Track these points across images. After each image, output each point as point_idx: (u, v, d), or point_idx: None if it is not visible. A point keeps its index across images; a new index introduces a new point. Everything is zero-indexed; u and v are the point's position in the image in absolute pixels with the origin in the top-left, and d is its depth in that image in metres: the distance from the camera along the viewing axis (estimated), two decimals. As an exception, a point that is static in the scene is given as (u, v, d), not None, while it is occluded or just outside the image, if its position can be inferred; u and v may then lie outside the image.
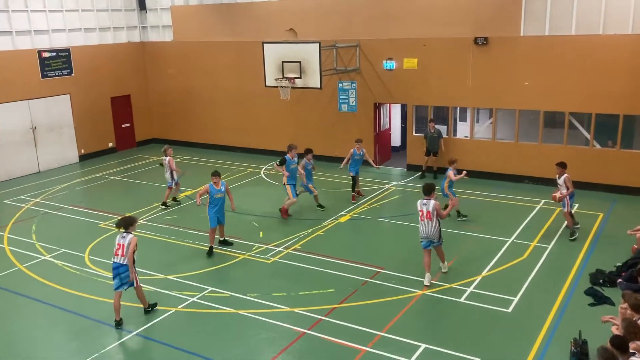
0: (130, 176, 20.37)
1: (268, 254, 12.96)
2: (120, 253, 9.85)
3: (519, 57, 17.15)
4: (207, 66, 23.23)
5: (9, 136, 20.35)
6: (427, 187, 11.12)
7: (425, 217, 10.91)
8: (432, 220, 10.87)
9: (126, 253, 9.81)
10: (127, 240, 9.86)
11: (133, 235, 9.99)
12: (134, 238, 9.92)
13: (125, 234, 9.95)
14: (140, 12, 24.91)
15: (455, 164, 14.63)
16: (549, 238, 13.36)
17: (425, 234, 11.02)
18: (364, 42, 19.48)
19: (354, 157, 16.38)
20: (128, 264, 9.87)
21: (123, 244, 9.85)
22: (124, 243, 9.85)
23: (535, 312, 10.10)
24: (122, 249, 9.84)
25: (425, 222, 10.94)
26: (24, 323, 10.41)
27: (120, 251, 9.85)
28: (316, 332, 9.64)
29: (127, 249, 9.80)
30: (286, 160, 15.17)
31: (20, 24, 20.70)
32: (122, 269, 9.91)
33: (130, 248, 9.82)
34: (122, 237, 9.93)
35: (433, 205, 10.85)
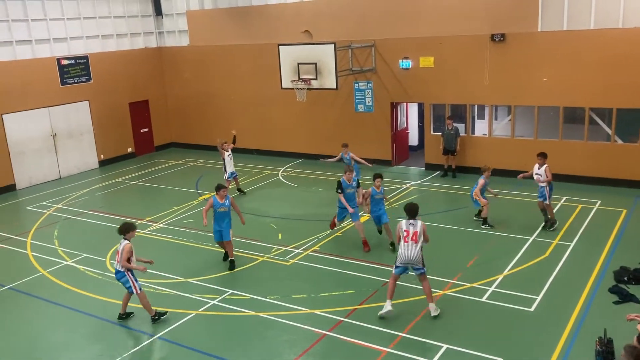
0: (150, 180, 20.54)
1: (287, 256, 12.96)
2: (117, 259, 10.11)
3: (537, 53, 16.95)
4: (223, 70, 23.33)
5: (30, 143, 20.65)
6: (410, 208, 10.01)
7: (410, 238, 9.71)
8: (417, 243, 9.72)
9: (120, 259, 9.98)
10: (121, 247, 10.02)
11: (127, 242, 10.05)
12: (127, 245, 9.99)
13: (122, 240, 10.09)
14: (157, 18, 25.12)
15: (487, 172, 14.10)
16: (571, 235, 13.17)
17: (406, 259, 9.75)
18: (380, 42, 19.41)
19: (343, 162, 16.34)
20: (123, 271, 10.04)
21: (119, 250, 10.05)
22: (120, 249, 10.03)
23: (558, 310, 9.95)
24: (118, 256, 10.07)
25: (409, 244, 9.71)
26: (48, 327, 10.54)
27: (117, 257, 10.09)
28: (337, 334, 9.61)
29: (121, 255, 9.96)
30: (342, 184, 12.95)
31: (40, 33, 21.00)
32: (119, 275, 10.16)
33: (124, 255, 9.93)
34: (120, 243, 10.11)
35: (420, 226, 9.79)
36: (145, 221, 15.87)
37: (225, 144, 17.42)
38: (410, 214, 9.96)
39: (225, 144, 17.42)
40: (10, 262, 13.87)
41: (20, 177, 20.38)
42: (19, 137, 20.25)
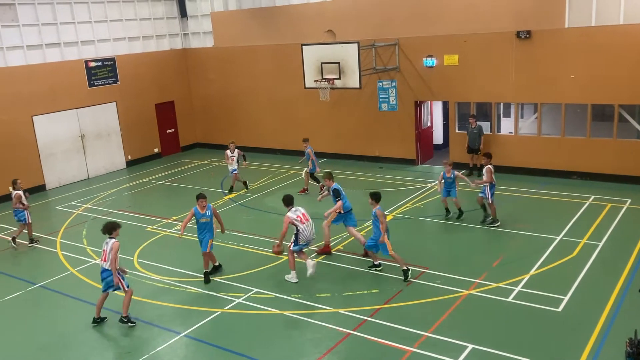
0: (176, 180, 20.78)
1: (311, 255, 12.98)
2: (103, 258, 10.27)
3: (564, 49, 16.69)
4: (247, 70, 23.49)
5: (59, 145, 21.07)
6: (286, 198, 11.93)
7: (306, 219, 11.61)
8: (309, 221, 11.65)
9: (108, 258, 10.13)
10: (109, 246, 10.15)
11: (115, 240, 10.24)
12: (115, 243, 10.19)
13: (108, 239, 10.25)
14: (182, 20, 25.40)
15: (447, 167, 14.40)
16: (599, 235, 12.95)
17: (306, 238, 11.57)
18: (403, 40, 19.33)
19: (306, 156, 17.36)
20: (111, 269, 10.18)
21: (106, 249, 10.20)
22: (107, 249, 10.18)
23: (587, 311, 9.80)
24: (104, 255, 10.22)
25: (307, 224, 11.54)
26: (78, 324, 10.74)
27: (103, 256, 10.24)
28: (361, 333, 9.61)
29: (109, 254, 10.11)
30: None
31: (68, 36, 21.41)
32: (105, 274, 10.31)
33: (112, 254, 10.09)
34: (105, 242, 10.26)
35: (302, 211, 11.63)
36: (172, 220, 16.07)
37: (232, 144, 18.49)
38: (287, 202, 11.78)
39: (232, 144, 18.49)
40: (41, 260, 14.19)
41: (50, 177, 20.81)
42: (48, 138, 20.68)
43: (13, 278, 13.06)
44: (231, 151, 18.33)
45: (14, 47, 19.88)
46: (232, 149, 18.36)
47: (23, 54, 20.11)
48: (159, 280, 12.28)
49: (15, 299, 11.99)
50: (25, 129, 19.97)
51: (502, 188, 16.86)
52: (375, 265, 11.97)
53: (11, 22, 19.74)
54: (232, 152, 18.32)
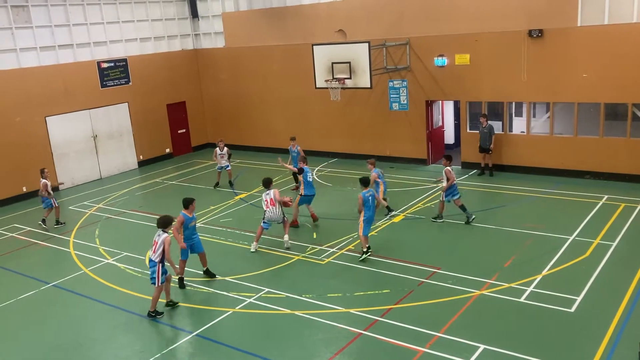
0: (187, 180, 20.88)
1: (322, 255, 13.00)
2: (153, 250, 10.50)
3: (576, 48, 16.57)
4: (258, 70, 23.54)
5: (72, 145, 21.25)
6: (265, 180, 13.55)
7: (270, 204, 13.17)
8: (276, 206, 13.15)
9: (158, 250, 10.38)
10: (161, 239, 10.42)
11: (167, 234, 10.49)
12: (167, 237, 10.44)
13: (161, 232, 10.50)
14: (193, 20, 25.51)
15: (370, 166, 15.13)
16: (613, 235, 12.84)
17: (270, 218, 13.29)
18: (414, 40, 19.28)
19: (291, 155, 17.72)
20: (156, 262, 10.40)
21: (157, 241, 10.44)
22: (158, 241, 10.43)
23: (600, 312, 9.73)
24: (154, 246, 10.46)
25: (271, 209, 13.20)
26: (91, 324, 10.83)
27: (153, 248, 10.48)
28: (372, 333, 9.60)
29: (160, 247, 10.36)
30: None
31: (80, 37, 21.58)
32: (150, 264, 10.57)
33: (166, 248, 10.34)
34: (158, 235, 10.52)
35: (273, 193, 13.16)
36: (183, 220, 16.13)
37: (221, 142, 19.09)
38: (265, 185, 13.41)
39: (221, 142, 19.09)
40: (55, 260, 14.32)
41: (63, 177, 20.97)
42: (61, 138, 20.86)
43: (27, 277, 13.19)
44: (220, 149, 18.88)
45: (28, 49, 20.07)
46: (221, 147, 18.88)
47: (36, 55, 20.30)
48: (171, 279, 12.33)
49: (29, 298, 12.11)
50: (38, 130, 20.16)
51: (514, 188, 16.81)
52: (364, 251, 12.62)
53: (25, 24, 19.93)
54: (221, 150, 18.89)
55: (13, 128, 19.43)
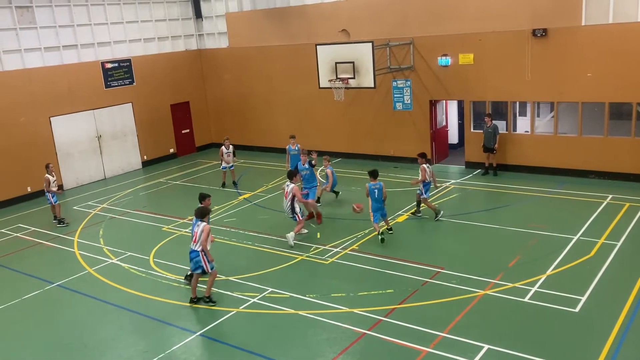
0: (191, 180, 20.91)
1: (326, 255, 13.00)
2: (193, 240, 10.78)
3: (580, 47, 16.52)
4: (262, 70, 23.56)
5: (76, 145, 21.30)
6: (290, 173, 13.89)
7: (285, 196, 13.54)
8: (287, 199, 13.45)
9: (199, 239, 10.60)
10: (200, 228, 10.65)
11: (206, 223, 10.77)
12: (206, 226, 10.70)
13: (200, 222, 10.73)
14: (197, 20, 25.54)
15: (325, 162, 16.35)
16: (617, 235, 12.80)
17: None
18: (418, 39, 19.26)
19: (290, 153, 17.66)
20: (199, 251, 10.65)
21: (197, 231, 10.69)
22: (197, 231, 10.68)
23: (605, 312, 9.70)
24: (194, 237, 10.74)
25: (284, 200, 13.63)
26: (95, 323, 10.85)
27: (194, 238, 10.76)
28: (376, 333, 9.59)
29: (200, 235, 10.59)
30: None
31: (85, 37, 21.63)
32: (193, 254, 10.78)
33: (203, 235, 10.56)
34: (197, 225, 10.76)
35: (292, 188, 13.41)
36: (187, 220, 16.15)
37: (227, 141, 18.97)
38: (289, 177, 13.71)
39: (227, 141, 18.97)
40: (59, 260, 14.35)
41: (68, 178, 21.04)
42: (66, 139, 20.92)
43: (31, 277, 13.23)
44: (226, 147, 18.78)
45: (32, 49, 20.13)
46: (227, 145, 18.81)
47: (41, 56, 20.36)
48: (174, 279, 12.37)
49: (33, 298, 12.15)
50: (43, 130, 20.22)
51: (518, 187, 16.77)
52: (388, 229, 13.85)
53: (29, 25, 19.99)
54: (227, 149, 18.78)
55: (18, 128, 19.50)
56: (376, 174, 13.44)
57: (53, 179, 16.49)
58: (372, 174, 13.41)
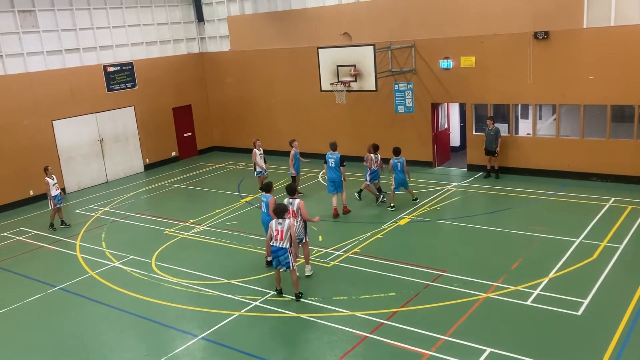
0: (193, 184, 20.93)
1: (327, 258, 12.99)
2: (279, 238, 10.67)
3: (582, 50, 16.51)
4: (263, 74, 23.59)
5: (78, 148, 21.34)
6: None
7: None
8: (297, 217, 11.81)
9: (285, 237, 10.61)
10: (286, 226, 10.63)
11: (289, 220, 10.79)
12: (291, 222, 10.75)
13: (282, 220, 10.69)
14: (199, 24, 25.59)
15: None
16: (620, 237, 12.76)
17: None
18: (420, 42, 19.27)
19: (296, 157, 17.61)
20: (287, 248, 10.67)
21: (281, 229, 10.64)
22: (282, 229, 10.64)
23: (607, 315, 9.66)
24: (280, 234, 10.64)
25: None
26: (96, 327, 10.86)
27: (279, 236, 10.67)
28: (378, 336, 9.58)
29: (287, 232, 10.60)
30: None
31: (87, 41, 21.68)
32: (280, 252, 10.73)
33: (292, 230, 10.65)
34: (278, 223, 10.70)
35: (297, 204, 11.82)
36: (189, 223, 16.18)
37: (258, 142, 18.32)
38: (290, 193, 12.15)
39: (258, 142, 18.32)
40: (61, 263, 14.37)
41: (70, 181, 21.08)
42: (68, 142, 20.96)
43: (33, 280, 13.25)
44: (258, 149, 18.07)
45: (35, 53, 20.19)
46: (258, 147, 18.10)
47: (43, 60, 20.41)
48: (176, 282, 12.37)
49: (36, 302, 12.16)
50: (45, 133, 20.27)
51: (520, 190, 16.75)
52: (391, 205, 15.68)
53: (32, 29, 20.05)
54: (260, 151, 18.08)
55: (20, 132, 19.55)
56: (399, 151, 15.66)
57: (53, 182, 16.45)
58: (396, 152, 15.61)
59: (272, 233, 10.78)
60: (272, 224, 10.79)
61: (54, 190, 16.39)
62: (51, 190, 16.34)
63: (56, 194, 16.46)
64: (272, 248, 10.80)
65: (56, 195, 16.46)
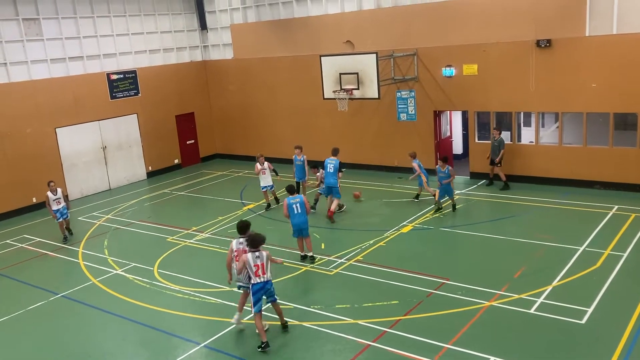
0: (196, 191, 20.93)
1: (330, 266, 12.96)
2: (261, 272, 9.65)
3: (584, 58, 16.53)
4: (266, 81, 23.64)
5: (81, 156, 21.38)
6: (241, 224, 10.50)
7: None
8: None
9: (267, 269, 9.69)
10: (264, 258, 9.69)
11: (267, 251, 9.84)
12: (268, 253, 9.82)
13: (259, 253, 9.69)
14: (202, 32, 25.69)
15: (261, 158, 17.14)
16: (624, 245, 12.72)
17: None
18: (422, 50, 19.31)
19: (295, 164, 17.42)
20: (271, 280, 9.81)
21: (261, 262, 9.65)
22: (262, 262, 9.66)
23: (611, 323, 9.61)
24: (261, 268, 9.64)
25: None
26: (99, 334, 10.84)
27: (260, 271, 9.64)
28: (381, 345, 9.54)
29: (267, 265, 9.70)
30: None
31: (90, 49, 21.77)
32: (267, 286, 9.75)
33: (271, 261, 9.83)
34: (256, 257, 9.67)
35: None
36: (192, 231, 16.17)
37: (261, 157, 17.53)
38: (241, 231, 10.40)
39: (261, 157, 17.53)
40: (63, 270, 14.38)
41: (73, 188, 21.10)
42: (71, 149, 21.01)
43: (36, 288, 13.24)
44: (261, 164, 17.31)
45: (39, 61, 20.27)
46: (261, 162, 17.34)
47: (47, 67, 20.50)
48: (178, 290, 12.35)
49: (38, 309, 12.14)
50: (48, 141, 20.32)
51: (523, 198, 16.72)
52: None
53: (36, 37, 20.15)
54: (262, 165, 17.29)
55: (23, 139, 19.60)
56: (446, 159, 16.02)
57: (54, 197, 15.96)
58: (443, 159, 15.99)
59: (249, 270, 9.68)
60: (249, 259, 9.64)
61: (54, 205, 15.99)
62: (52, 205, 15.99)
63: (57, 208, 16.01)
64: (256, 286, 9.67)
65: (57, 209, 16.00)
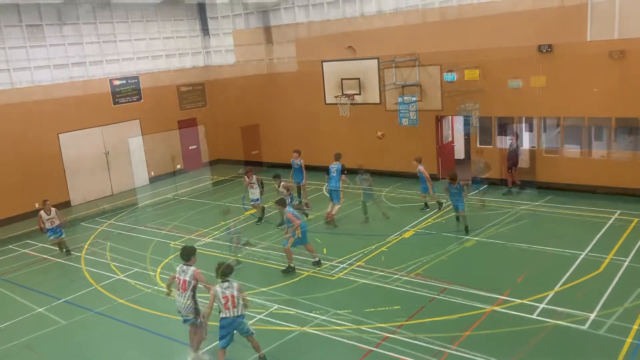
0: (198, 196, 20.96)
1: (332, 271, 12.96)
2: (231, 306, 9.05)
3: (586, 63, 16.54)
4: (268, 87, 23.69)
5: (84, 162, 21.42)
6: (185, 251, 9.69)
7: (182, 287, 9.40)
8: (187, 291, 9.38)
9: (238, 303, 9.07)
10: (234, 290, 9.10)
11: (237, 283, 9.27)
12: (238, 284, 9.22)
13: (227, 283, 9.13)
14: (204, 37, 25.78)
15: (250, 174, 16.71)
16: (626, 251, 12.70)
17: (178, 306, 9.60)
18: (424, 56, 19.33)
19: (293, 167, 17.42)
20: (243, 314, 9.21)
21: (230, 294, 9.05)
22: (232, 293, 9.06)
23: (614, 329, 9.59)
24: (232, 301, 9.05)
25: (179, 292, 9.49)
26: (101, 340, 10.84)
27: (230, 304, 9.04)
28: (383, 350, 9.53)
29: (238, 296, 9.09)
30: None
31: (93, 54, 21.85)
32: (236, 322, 9.17)
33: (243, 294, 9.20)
34: (225, 288, 9.08)
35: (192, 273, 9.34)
36: (194, 236, 16.18)
37: (250, 172, 17.13)
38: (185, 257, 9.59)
39: (250, 172, 17.13)
40: (66, 276, 14.39)
41: (75, 194, 21.14)
42: (73, 155, 21.05)
43: (38, 293, 13.25)
44: (249, 177, 16.91)
45: (41, 67, 20.35)
46: (250, 176, 16.89)
47: (50, 73, 20.57)
48: (181, 295, 12.33)
49: (40, 314, 12.15)
50: (51, 146, 20.37)
51: (525, 203, 16.70)
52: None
53: (39, 42, 20.23)
54: (249, 179, 16.88)
55: (26, 144, 19.64)
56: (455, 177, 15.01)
57: (47, 216, 15.38)
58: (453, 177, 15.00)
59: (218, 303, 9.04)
60: (218, 291, 9.01)
61: (47, 224, 15.41)
62: (45, 224, 15.41)
63: (51, 227, 15.43)
64: (224, 321, 9.03)
65: (50, 229, 15.44)
